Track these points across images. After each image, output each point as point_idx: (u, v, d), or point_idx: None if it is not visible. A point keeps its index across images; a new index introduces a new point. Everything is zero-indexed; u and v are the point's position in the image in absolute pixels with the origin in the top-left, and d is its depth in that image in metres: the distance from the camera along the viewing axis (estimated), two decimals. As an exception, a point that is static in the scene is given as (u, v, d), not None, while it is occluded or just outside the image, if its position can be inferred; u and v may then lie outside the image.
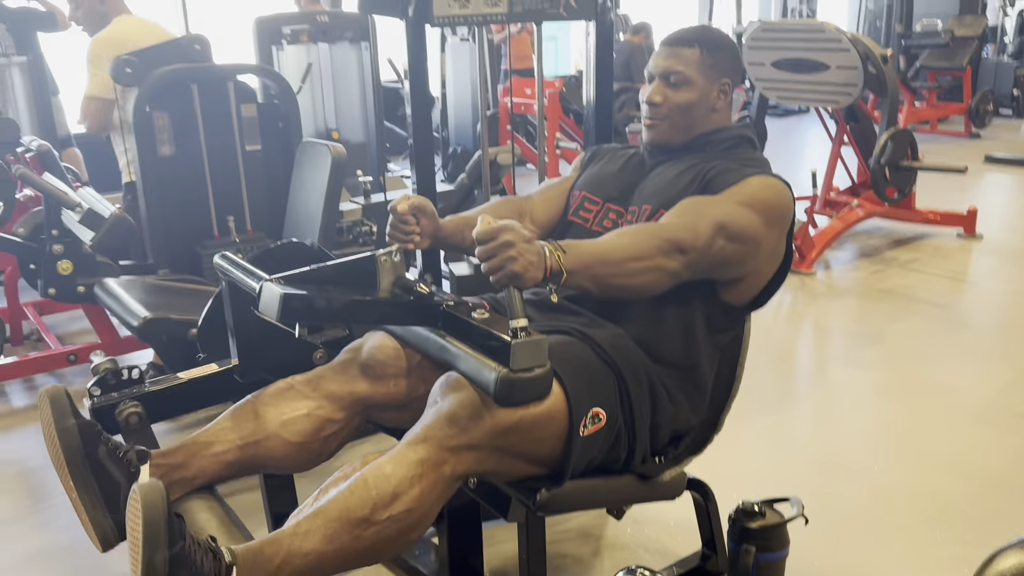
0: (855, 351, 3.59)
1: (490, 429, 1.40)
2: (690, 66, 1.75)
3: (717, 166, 1.71)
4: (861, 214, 4.95)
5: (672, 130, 1.79)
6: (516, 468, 1.51)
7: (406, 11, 2.33)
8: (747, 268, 1.67)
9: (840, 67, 4.53)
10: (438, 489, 1.40)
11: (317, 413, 1.63)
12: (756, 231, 1.62)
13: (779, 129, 9.34)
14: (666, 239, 1.53)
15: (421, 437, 1.40)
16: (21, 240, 3.16)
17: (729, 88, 1.80)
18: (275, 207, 3.24)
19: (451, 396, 1.42)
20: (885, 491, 2.49)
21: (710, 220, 1.57)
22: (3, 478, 2.73)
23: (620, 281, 1.51)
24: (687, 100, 1.76)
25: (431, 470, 1.38)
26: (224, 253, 1.72)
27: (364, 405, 1.67)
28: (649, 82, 1.81)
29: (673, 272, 1.55)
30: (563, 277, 1.41)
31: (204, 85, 3.08)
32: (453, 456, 1.40)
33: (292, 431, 1.60)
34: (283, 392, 1.64)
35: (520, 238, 1.36)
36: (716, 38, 1.79)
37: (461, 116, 6.24)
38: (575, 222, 1.87)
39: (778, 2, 11.83)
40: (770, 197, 1.65)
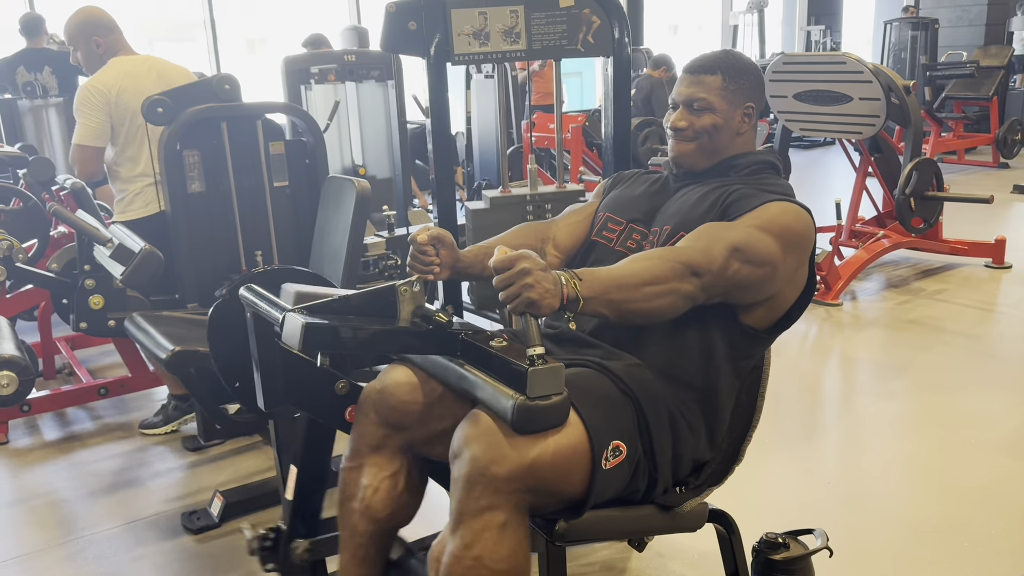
0: (882, 382, 3.56)
1: (508, 474, 1.40)
2: (713, 92, 1.77)
3: (737, 191, 1.72)
4: (887, 244, 4.92)
5: (698, 153, 1.81)
6: (551, 505, 1.52)
7: (428, 51, 2.39)
8: (765, 292, 1.67)
9: (863, 98, 4.53)
10: (504, 544, 1.42)
11: (380, 481, 1.68)
12: (772, 255, 1.62)
13: (804, 161, 9.32)
14: (681, 262, 1.54)
15: (456, 519, 1.43)
16: (54, 275, 3.24)
17: (753, 112, 1.82)
18: (302, 242, 3.29)
19: (460, 457, 1.43)
20: (913, 524, 2.46)
21: (725, 243, 1.58)
22: (34, 509, 2.78)
23: (636, 306, 1.51)
24: (711, 124, 1.78)
25: (484, 541, 1.40)
26: (249, 285, 1.76)
27: (405, 441, 1.69)
28: (673, 109, 1.84)
29: (689, 295, 1.55)
30: (580, 304, 1.43)
31: (233, 123, 3.15)
32: (490, 512, 1.41)
33: (378, 510, 1.68)
34: (347, 481, 1.71)
35: (536, 266, 1.38)
36: (737, 63, 1.80)
37: (486, 151, 6.31)
38: (598, 242, 1.89)
39: (801, 35, 11.87)
40: (788, 222, 1.65)
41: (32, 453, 3.19)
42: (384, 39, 2.38)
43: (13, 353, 2.45)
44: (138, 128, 3.20)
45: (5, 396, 2.40)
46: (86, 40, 3.22)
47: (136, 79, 3.18)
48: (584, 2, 2.48)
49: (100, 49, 3.24)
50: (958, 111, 8.90)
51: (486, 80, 6.10)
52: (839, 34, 12.21)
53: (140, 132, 3.22)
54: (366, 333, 1.50)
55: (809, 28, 11.75)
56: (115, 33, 3.27)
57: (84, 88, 3.16)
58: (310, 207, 3.27)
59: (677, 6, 18.64)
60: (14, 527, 2.69)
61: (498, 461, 1.40)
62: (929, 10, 10.84)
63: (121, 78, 3.17)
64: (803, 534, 1.97)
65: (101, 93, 3.13)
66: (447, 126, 2.48)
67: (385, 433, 1.68)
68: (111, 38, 3.25)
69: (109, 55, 3.24)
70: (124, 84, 3.16)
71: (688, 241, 1.61)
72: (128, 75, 3.19)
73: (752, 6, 10.48)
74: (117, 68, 3.20)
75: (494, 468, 1.39)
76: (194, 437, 3.19)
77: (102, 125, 3.15)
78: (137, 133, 3.22)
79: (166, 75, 3.26)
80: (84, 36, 3.23)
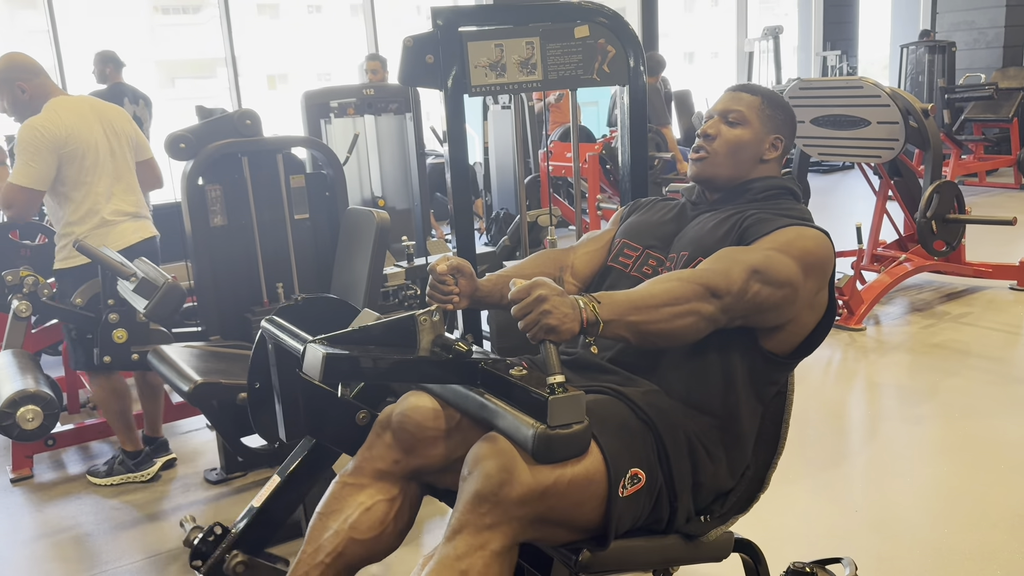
0: (908, 407, 3.51)
1: (524, 493, 1.39)
2: (750, 109, 1.81)
3: (754, 215, 1.72)
4: (910, 268, 4.88)
5: (719, 167, 1.82)
6: (559, 535, 1.50)
7: (445, 83, 2.42)
8: (785, 315, 1.66)
9: (881, 122, 4.53)
10: (492, 570, 1.39)
11: (375, 499, 1.65)
12: (792, 276, 1.61)
13: (823, 185, 9.30)
14: (700, 283, 1.53)
15: (456, 528, 1.41)
16: (79, 310, 3.27)
17: (781, 145, 1.84)
18: (323, 273, 3.32)
19: (475, 472, 1.42)
20: (942, 552, 2.41)
21: (744, 265, 1.58)
22: (58, 544, 2.79)
23: (657, 327, 1.50)
24: (739, 137, 1.80)
25: (475, 558, 1.38)
26: (271, 317, 1.77)
27: (412, 470, 1.68)
28: (707, 119, 1.86)
29: (709, 317, 1.54)
30: (600, 327, 1.42)
31: (254, 158, 3.20)
32: (490, 532, 1.39)
33: (361, 531, 1.63)
34: (338, 495, 1.67)
35: (552, 292, 1.38)
36: (778, 99, 1.86)
37: (504, 180, 6.36)
38: (615, 267, 1.89)
39: (817, 60, 11.89)
40: (807, 245, 1.64)
41: (56, 487, 3.21)
42: (402, 72, 2.42)
43: (38, 388, 2.47)
44: (87, 171, 3.09)
45: (30, 430, 2.42)
46: (10, 86, 3.09)
47: (84, 120, 3.09)
48: (599, 32, 2.51)
49: (26, 95, 3.10)
50: (978, 133, 8.85)
51: (503, 111, 6.17)
52: (855, 59, 12.21)
53: (89, 176, 3.10)
54: (386, 363, 1.51)
55: (825, 54, 11.76)
56: (40, 76, 3.14)
57: (30, 127, 2.98)
58: (330, 239, 3.30)
59: (692, 34, 18.77)
60: (38, 561, 2.69)
61: (511, 483, 1.38)
62: (946, 33, 10.83)
63: (69, 119, 3.05)
64: (831, 563, 1.94)
65: (50, 134, 2.99)
66: (465, 157, 2.50)
67: (396, 458, 1.66)
68: (36, 82, 3.12)
69: (40, 99, 3.09)
70: (72, 126, 3.04)
71: (707, 264, 1.61)
72: (76, 116, 3.08)
73: (767, 33, 10.52)
74: (64, 109, 3.07)
75: (507, 489, 1.38)
76: (216, 470, 3.20)
77: (48, 168, 3.00)
78: (85, 177, 3.09)
79: (107, 116, 3.19)
80: (8, 83, 3.09)
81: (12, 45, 5.38)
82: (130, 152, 3.26)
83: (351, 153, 4.84)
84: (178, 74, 16.61)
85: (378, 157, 5.35)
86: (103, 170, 3.13)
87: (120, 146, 3.21)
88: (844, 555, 1.96)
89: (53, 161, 3.01)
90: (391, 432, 1.67)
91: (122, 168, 3.22)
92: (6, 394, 2.42)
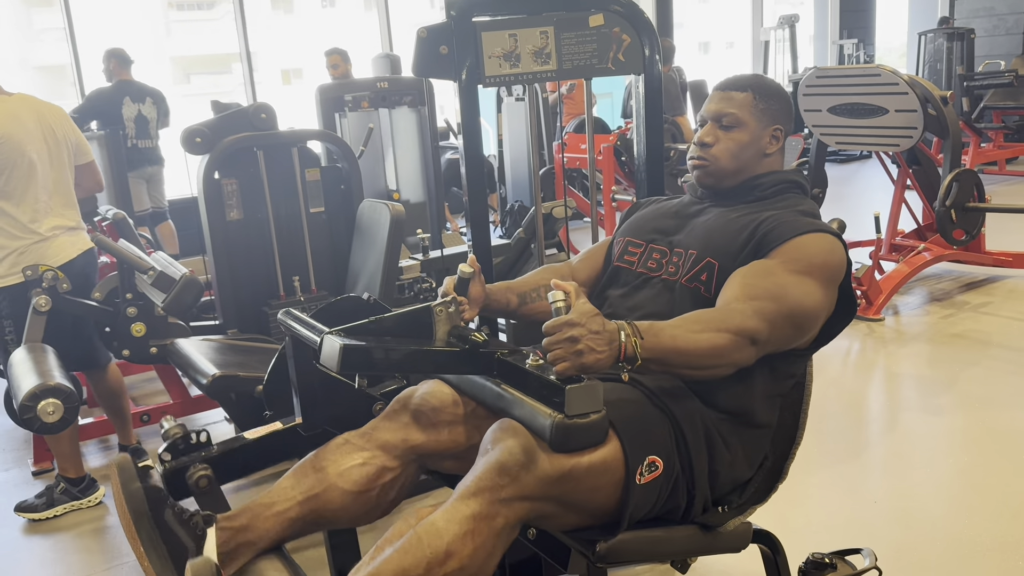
0: (928, 398, 3.48)
1: (542, 477, 1.39)
2: (743, 109, 1.77)
3: (768, 221, 1.69)
4: (929, 257, 4.83)
5: (722, 172, 1.80)
6: (571, 519, 1.50)
7: (459, 74, 2.41)
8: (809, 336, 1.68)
9: (899, 111, 4.48)
10: (491, 543, 1.39)
11: (372, 462, 1.65)
12: (820, 307, 1.63)
13: (840, 175, 9.22)
14: (741, 335, 1.51)
15: (472, 490, 1.39)
16: (98, 304, 3.30)
17: (781, 135, 1.81)
18: (338, 266, 3.33)
19: (501, 444, 1.41)
20: (964, 543, 2.39)
21: (780, 310, 1.56)
22: (79, 536, 2.81)
23: (691, 373, 1.53)
24: (738, 141, 1.77)
25: (484, 524, 1.37)
26: (288, 309, 1.78)
27: (418, 453, 1.68)
28: (701, 125, 1.83)
29: (744, 361, 1.55)
30: (637, 363, 1.42)
31: (270, 152, 3.21)
32: (505, 507, 1.39)
33: (349, 480, 1.62)
34: (339, 447, 1.67)
35: (587, 331, 1.37)
36: (768, 86, 1.81)
37: (518, 172, 6.35)
38: (621, 267, 1.88)
39: (833, 49, 11.78)
40: (825, 259, 1.63)
41: (77, 480, 3.23)
42: (416, 64, 2.41)
43: (59, 381, 2.49)
44: (21, 181, 2.86)
45: (51, 424, 2.43)
46: None
47: (20, 124, 2.85)
48: (614, 21, 2.49)
49: None
50: (997, 121, 8.74)
51: (516, 103, 6.15)
52: (872, 47, 12.10)
53: (24, 186, 2.86)
54: (403, 354, 1.51)
55: (841, 42, 11.65)
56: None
57: None
58: (346, 232, 3.31)
59: (707, 24, 18.65)
60: (60, 553, 2.72)
61: (529, 467, 1.38)
62: (964, 20, 10.70)
63: (4, 121, 2.81)
64: (850, 554, 1.93)
65: None
66: (479, 149, 2.49)
67: (405, 437, 1.67)
68: None
69: None
70: (7, 128, 2.81)
71: (741, 302, 1.56)
72: (10, 118, 2.83)
73: (783, 21, 10.43)
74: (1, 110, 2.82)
75: (527, 469, 1.38)
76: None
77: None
78: (19, 184, 2.86)
79: (46, 119, 2.95)
80: None
81: (29, 43, 5.40)
82: (69, 158, 3.03)
83: (366, 146, 4.85)
84: (193, 70, 16.69)
85: (392, 150, 5.35)
86: (41, 181, 2.91)
87: (59, 152, 2.98)
88: (863, 546, 1.95)
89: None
90: (409, 412, 1.68)
91: (60, 178, 2.99)
92: (27, 388, 2.44)
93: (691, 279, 1.71)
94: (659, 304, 1.74)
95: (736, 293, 1.59)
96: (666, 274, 1.77)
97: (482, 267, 1.79)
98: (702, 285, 1.69)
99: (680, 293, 1.72)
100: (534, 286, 1.90)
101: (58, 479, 2.98)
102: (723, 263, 1.68)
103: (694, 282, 1.70)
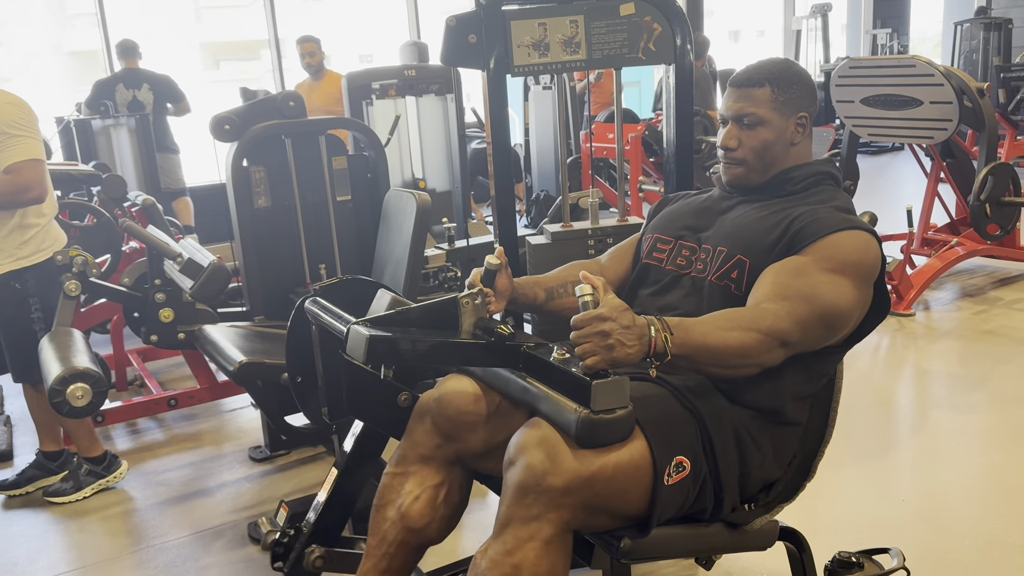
0: (959, 395, 3.42)
1: (564, 486, 1.38)
2: (763, 106, 1.71)
3: (802, 217, 1.65)
4: (961, 252, 4.75)
5: (751, 172, 1.76)
6: (601, 521, 1.49)
7: (487, 63, 2.39)
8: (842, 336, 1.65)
9: (934, 102, 4.40)
10: (546, 559, 1.39)
11: (423, 490, 1.66)
12: (853, 307, 1.60)
13: (872, 167, 9.09)
14: (772, 336, 1.49)
15: (503, 522, 1.41)
16: (126, 289, 3.33)
17: (807, 121, 1.75)
18: (364, 254, 3.33)
19: (517, 462, 1.41)
20: (994, 544, 2.35)
21: (812, 311, 1.53)
22: (107, 518, 2.85)
23: (720, 371, 1.52)
24: (763, 140, 1.72)
25: (527, 551, 1.38)
26: (315, 298, 1.78)
27: (454, 455, 1.68)
28: (723, 125, 1.78)
29: (773, 362, 1.53)
30: (667, 358, 1.41)
31: (297, 139, 3.21)
32: (538, 523, 1.38)
33: (414, 519, 1.66)
34: (388, 487, 1.69)
35: (617, 326, 1.36)
36: (785, 73, 1.73)
37: (544, 162, 6.32)
38: (651, 264, 1.85)
39: (866, 39, 11.61)
40: (860, 257, 1.60)
41: (105, 463, 3.27)
42: (444, 52, 2.40)
43: (88, 366, 2.52)
44: None
45: (80, 408, 2.46)
46: None
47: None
48: (645, 9, 2.46)
49: None
50: (1034, 113, 8.56)
51: (543, 92, 6.12)
52: (906, 37, 11.91)
53: None
54: (429, 345, 1.51)
55: (875, 31, 11.47)
56: None
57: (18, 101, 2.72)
58: (372, 220, 3.30)
59: (737, 12, 18.44)
60: (88, 535, 2.76)
61: (555, 472, 1.37)
62: (1002, 10, 10.49)
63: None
64: (878, 553, 1.91)
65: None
66: (507, 138, 2.48)
67: (438, 443, 1.67)
68: None
69: None
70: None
71: (773, 302, 1.53)
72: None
73: (815, 10, 10.29)
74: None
75: (550, 479, 1.37)
76: (260, 448, 3.24)
77: None
78: None
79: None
80: None
81: (62, 28, 5.47)
82: None
83: (392, 135, 4.84)
84: (223, 56, 16.78)
85: (419, 138, 5.34)
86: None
87: None
88: (891, 546, 1.92)
89: None
90: (430, 417, 1.67)
91: None
92: (56, 372, 2.47)
93: (721, 276, 1.68)
94: (689, 304, 1.71)
95: (768, 292, 1.56)
96: (695, 271, 1.74)
97: (508, 259, 1.77)
98: (732, 283, 1.66)
99: (709, 291, 1.70)
100: (562, 281, 1.88)
101: (79, 461, 3.01)
102: (754, 261, 1.64)
103: (724, 280, 1.68)
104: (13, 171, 2.68)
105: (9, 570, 2.57)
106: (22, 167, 2.69)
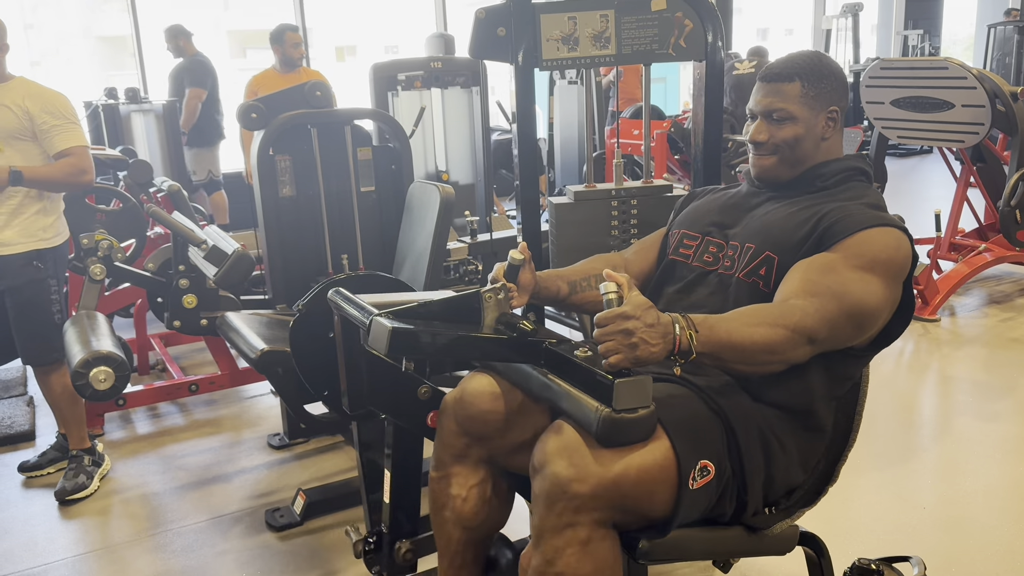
0: (983, 403, 3.38)
1: (591, 491, 1.37)
2: (792, 101, 1.68)
3: (832, 213, 1.62)
4: (989, 258, 4.69)
5: (780, 165, 1.73)
6: (630, 522, 1.48)
7: (516, 56, 2.38)
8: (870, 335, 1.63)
9: (966, 105, 4.33)
10: (587, 560, 1.39)
11: (468, 490, 1.68)
12: (882, 305, 1.56)
13: (900, 169, 8.99)
14: (798, 332, 1.47)
15: (538, 533, 1.42)
16: (150, 275, 3.35)
17: (838, 115, 1.72)
18: (387, 245, 3.33)
19: (543, 471, 1.40)
20: (1016, 554, 2.32)
21: (841, 308, 1.50)
22: (126, 501, 2.87)
23: (746, 368, 1.50)
24: (793, 135, 1.69)
25: (567, 556, 1.38)
26: (338, 289, 1.77)
27: (487, 452, 1.68)
28: (752, 120, 1.75)
29: (799, 359, 1.51)
30: (692, 356, 1.39)
31: (323, 129, 3.21)
32: (572, 529, 1.39)
33: (469, 519, 1.68)
34: (436, 494, 1.71)
35: (641, 324, 1.34)
36: (816, 66, 1.69)
37: (568, 157, 6.29)
38: (677, 260, 1.83)
39: (897, 39, 11.47)
40: (891, 255, 1.56)
41: (125, 446, 3.31)
42: (472, 45, 2.38)
43: (111, 350, 2.54)
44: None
45: (102, 391, 2.48)
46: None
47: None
48: (676, 5, 2.44)
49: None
50: (1068, 118, 8.42)
51: (569, 86, 6.09)
52: (938, 38, 11.75)
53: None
54: (450, 339, 1.50)
55: (906, 32, 11.33)
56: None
57: (59, 95, 2.81)
58: (395, 212, 3.31)
59: (767, 9, 18.27)
60: (107, 517, 2.78)
61: (581, 478, 1.37)
62: (1037, 12, 10.32)
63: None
64: (898, 561, 1.88)
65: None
66: (533, 132, 2.46)
67: (466, 443, 1.67)
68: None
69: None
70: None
71: (801, 298, 1.51)
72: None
73: (846, 10, 10.17)
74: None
75: (576, 486, 1.37)
76: (279, 435, 3.26)
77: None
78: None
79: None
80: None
81: (92, 13, 5.50)
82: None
83: (417, 126, 4.84)
84: (250, 44, 16.85)
85: (443, 131, 5.33)
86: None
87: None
88: (911, 553, 1.90)
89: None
90: (454, 419, 1.67)
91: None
92: (80, 355, 2.49)
93: (748, 273, 1.66)
94: (715, 302, 1.69)
95: (796, 288, 1.53)
96: (722, 268, 1.72)
97: (532, 253, 1.76)
98: (760, 280, 1.64)
99: (736, 288, 1.67)
100: (585, 275, 1.87)
101: (80, 454, 2.97)
102: (783, 257, 1.62)
103: (752, 276, 1.66)
104: (71, 154, 2.82)
105: (29, 549, 2.60)
106: (79, 151, 2.83)
